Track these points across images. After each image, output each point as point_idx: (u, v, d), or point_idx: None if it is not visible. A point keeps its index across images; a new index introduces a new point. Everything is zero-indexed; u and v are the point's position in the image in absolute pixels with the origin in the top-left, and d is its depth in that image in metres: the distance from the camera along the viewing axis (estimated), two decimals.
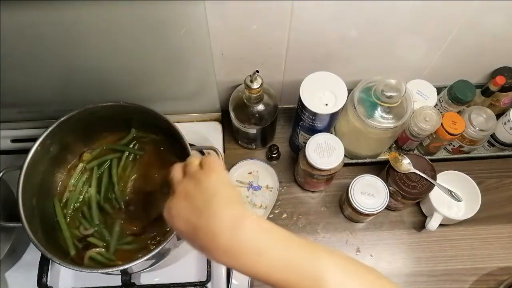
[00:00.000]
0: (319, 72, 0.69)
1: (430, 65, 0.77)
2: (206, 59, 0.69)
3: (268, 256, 0.40)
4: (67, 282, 0.74)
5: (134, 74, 0.70)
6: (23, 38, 0.58)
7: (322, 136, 0.70)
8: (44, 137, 0.65)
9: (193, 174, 0.45)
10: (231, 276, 0.70)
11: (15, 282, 0.74)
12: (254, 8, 0.59)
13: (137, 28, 0.59)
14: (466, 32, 0.67)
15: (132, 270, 0.68)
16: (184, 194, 0.44)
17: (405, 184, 0.73)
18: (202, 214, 0.42)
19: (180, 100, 0.81)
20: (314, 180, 0.76)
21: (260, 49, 0.69)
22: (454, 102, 0.76)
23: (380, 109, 0.66)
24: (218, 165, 0.46)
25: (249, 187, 0.83)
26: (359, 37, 0.67)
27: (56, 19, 0.55)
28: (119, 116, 0.71)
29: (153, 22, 0.58)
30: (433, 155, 0.84)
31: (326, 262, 0.41)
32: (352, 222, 0.81)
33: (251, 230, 0.41)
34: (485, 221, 0.80)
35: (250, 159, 0.84)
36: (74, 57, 0.64)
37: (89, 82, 0.70)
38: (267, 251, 0.40)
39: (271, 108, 0.75)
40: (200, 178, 0.44)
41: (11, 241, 0.71)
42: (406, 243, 0.80)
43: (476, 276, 0.77)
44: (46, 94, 0.74)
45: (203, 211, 0.42)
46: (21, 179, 0.62)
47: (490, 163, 0.85)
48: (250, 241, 0.40)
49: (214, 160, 0.47)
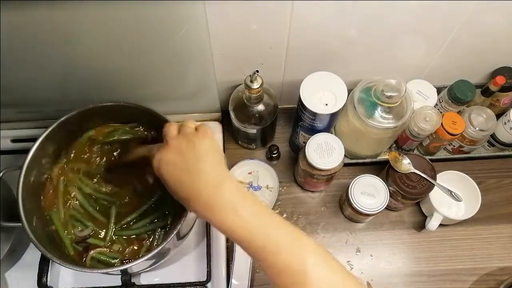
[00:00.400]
0: (319, 72, 0.69)
1: (430, 65, 0.77)
2: (206, 59, 0.69)
3: (242, 214, 0.46)
4: (67, 282, 0.74)
5: (134, 74, 0.70)
6: (23, 38, 0.58)
7: (322, 136, 0.70)
8: (44, 137, 0.65)
9: (188, 134, 0.50)
10: (231, 276, 0.70)
11: (15, 282, 0.74)
12: (254, 8, 0.59)
13: (137, 28, 0.59)
14: (466, 32, 0.67)
15: (132, 270, 0.68)
16: (177, 149, 0.49)
17: (405, 184, 0.73)
18: (190, 170, 0.48)
19: (180, 100, 0.81)
20: (314, 180, 0.76)
21: (260, 49, 0.69)
22: (454, 102, 0.76)
23: (380, 109, 0.66)
24: (211, 133, 0.51)
25: (249, 187, 0.83)
26: (359, 37, 0.67)
27: (56, 19, 0.55)
28: (119, 116, 0.71)
29: (153, 22, 0.58)
30: (433, 155, 0.84)
31: (311, 250, 0.46)
32: (352, 222, 0.81)
33: (230, 189, 0.47)
34: (485, 221, 0.80)
35: (250, 159, 0.84)
36: (74, 57, 0.64)
37: (89, 82, 0.70)
38: (242, 210, 0.46)
39: (271, 108, 0.75)
40: (193, 139, 0.49)
41: (11, 241, 0.71)
42: (406, 243, 0.80)
43: (476, 276, 0.77)
44: (46, 94, 0.74)
45: (192, 167, 0.48)
46: (21, 179, 0.62)
47: (490, 163, 0.85)
48: (228, 198, 0.46)
49: (209, 128, 0.52)
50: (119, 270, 0.62)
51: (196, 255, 0.76)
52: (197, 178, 0.47)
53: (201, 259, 0.75)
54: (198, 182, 0.47)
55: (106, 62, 0.66)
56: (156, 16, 0.57)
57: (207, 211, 0.47)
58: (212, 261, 0.74)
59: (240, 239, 0.46)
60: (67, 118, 0.66)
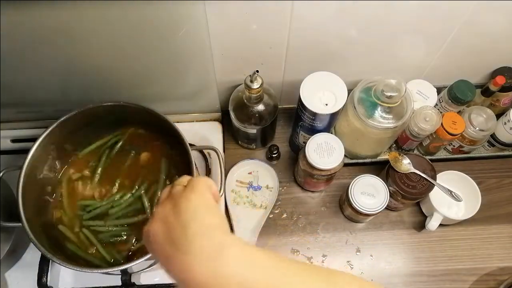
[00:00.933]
0: (319, 72, 0.69)
1: (430, 65, 0.77)
2: (206, 59, 0.69)
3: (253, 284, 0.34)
4: (67, 282, 0.74)
5: (134, 74, 0.70)
6: (24, 38, 0.58)
7: (322, 136, 0.70)
8: (44, 137, 0.65)
9: (175, 194, 0.40)
10: None
11: (15, 282, 0.74)
12: (254, 8, 0.59)
13: (137, 28, 0.59)
14: (466, 32, 0.67)
15: (132, 270, 0.68)
16: (161, 217, 0.38)
17: (405, 184, 0.73)
18: (176, 242, 0.36)
19: (180, 100, 0.81)
20: (314, 180, 0.76)
21: (260, 49, 0.69)
22: (454, 102, 0.76)
23: (380, 109, 0.66)
24: (203, 186, 0.40)
25: (249, 187, 0.83)
26: (359, 37, 0.67)
27: (56, 19, 0.55)
28: (119, 116, 0.71)
29: (153, 22, 0.58)
30: (433, 155, 0.84)
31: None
32: (352, 222, 0.81)
33: (234, 258, 0.35)
34: (485, 221, 0.80)
35: (250, 159, 0.84)
36: (74, 57, 0.64)
37: (89, 82, 0.70)
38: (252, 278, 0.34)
39: (271, 108, 0.75)
40: (179, 200, 0.39)
41: (11, 241, 0.71)
42: (406, 243, 0.80)
43: (476, 276, 0.77)
44: (46, 94, 0.74)
45: (178, 239, 0.36)
46: (21, 179, 0.62)
47: (490, 163, 0.85)
48: (232, 270, 0.34)
49: (202, 180, 0.41)
50: (119, 270, 0.62)
51: None
52: (187, 252, 0.35)
53: None
54: (188, 259, 0.35)
55: (106, 62, 0.66)
56: (156, 16, 0.57)
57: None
58: None
59: None
60: (67, 118, 0.66)
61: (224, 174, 0.71)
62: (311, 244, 0.79)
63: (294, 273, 0.36)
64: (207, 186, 0.41)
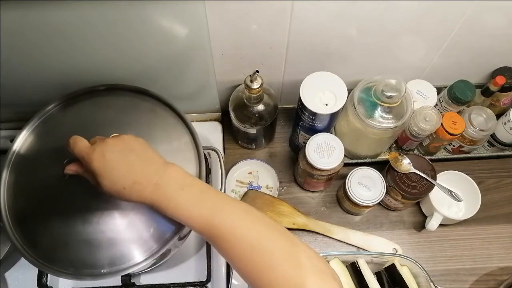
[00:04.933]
0: (319, 72, 0.69)
1: (430, 65, 0.77)
2: (206, 59, 0.69)
3: (189, 190, 0.48)
4: (67, 282, 0.74)
5: (134, 74, 0.70)
6: (24, 38, 0.58)
7: (322, 136, 0.70)
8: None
9: (113, 138, 0.49)
10: (231, 276, 0.70)
11: (15, 282, 0.74)
12: (254, 8, 0.59)
13: (137, 28, 0.59)
14: (466, 32, 0.67)
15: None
16: (120, 139, 0.49)
17: (405, 184, 0.73)
18: (140, 154, 0.49)
19: (180, 100, 0.81)
20: (314, 180, 0.76)
21: (260, 49, 0.69)
22: (454, 102, 0.76)
23: (380, 109, 0.66)
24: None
25: (249, 187, 0.83)
26: (359, 37, 0.67)
27: (56, 19, 0.55)
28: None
29: (153, 22, 0.58)
30: (433, 155, 0.84)
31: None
32: (352, 222, 0.81)
33: (179, 169, 0.50)
34: (485, 221, 0.80)
35: (250, 159, 0.84)
36: (74, 57, 0.64)
37: (89, 82, 0.70)
38: (189, 186, 0.49)
39: (271, 108, 0.75)
40: (129, 137, 0.50)
41: None
42: (406, 243, 0.80)
43: (476, 276, 0.77)
44: (46, 94, 0.74)
45: (141, 153, 0.49)
46: None
47: (490, 163, 0.85)
48: (179, 176, 0.49)
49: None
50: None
51: (196, 256, 0.76)
52: (148, 161, 0.49)
53: (201, 259, 0.75)
54: (150, 164, 0.49)
55: (106, 62, 0.66)
56: (156, 16, 0.57)
57: (158, 193, 0.48)
58: (212, 261, 0.74)
59: (191, 215, 0.48)
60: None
61: (224, 174, 0.71)
62: (311, 244, 0.79)
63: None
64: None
